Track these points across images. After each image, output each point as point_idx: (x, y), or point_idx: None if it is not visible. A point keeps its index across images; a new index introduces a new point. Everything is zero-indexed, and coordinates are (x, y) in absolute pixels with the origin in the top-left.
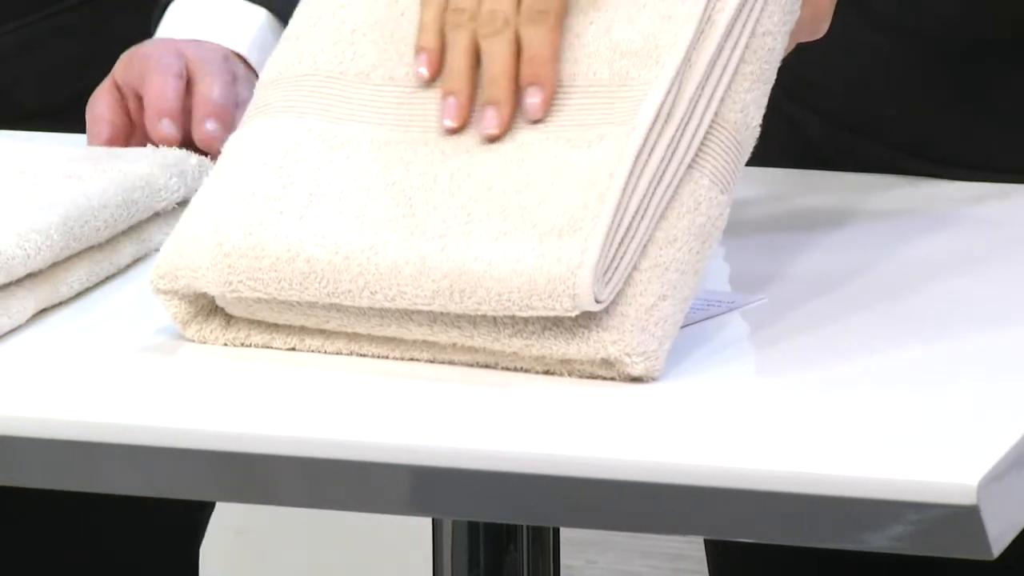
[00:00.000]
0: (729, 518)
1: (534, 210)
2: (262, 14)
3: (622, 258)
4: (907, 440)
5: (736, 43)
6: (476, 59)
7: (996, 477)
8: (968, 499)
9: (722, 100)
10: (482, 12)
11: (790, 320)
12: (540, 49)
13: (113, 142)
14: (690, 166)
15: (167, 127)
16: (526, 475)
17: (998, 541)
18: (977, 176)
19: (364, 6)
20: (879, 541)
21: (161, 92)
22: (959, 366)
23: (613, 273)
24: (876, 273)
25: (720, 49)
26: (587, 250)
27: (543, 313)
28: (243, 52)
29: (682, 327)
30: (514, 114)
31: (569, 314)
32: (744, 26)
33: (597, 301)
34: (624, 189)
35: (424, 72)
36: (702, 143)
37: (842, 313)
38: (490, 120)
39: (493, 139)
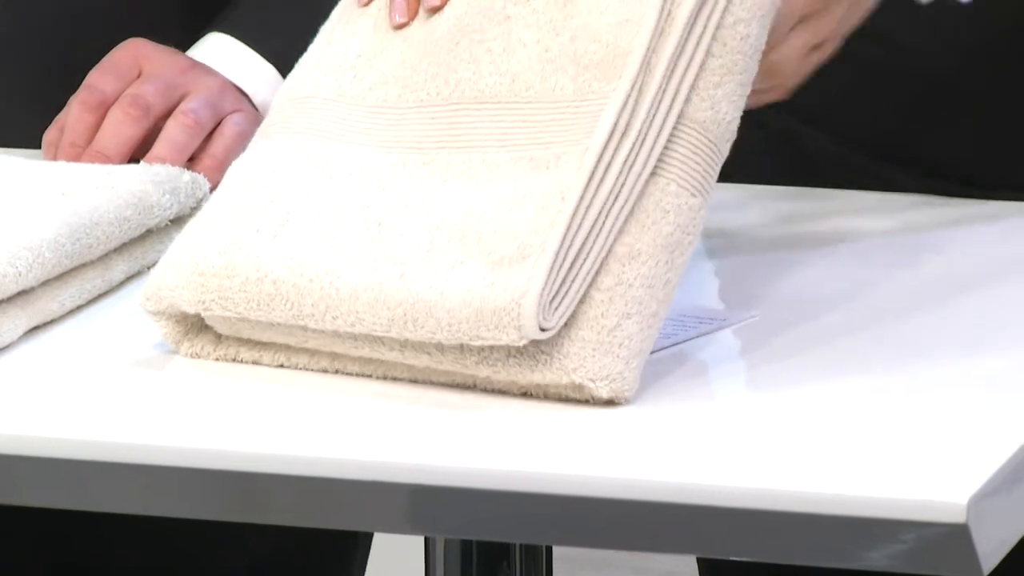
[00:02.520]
0: (722, 537)
1: (490, 237)
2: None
3: (573, 281)
4: (897, 459)
5: (701, 37)
6: None
7: (986, 495)
8: (958, 517)
9: (688, 99)
10: None
11: (782, 339)
12: None
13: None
14: (655, 173)
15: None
16: (519, 493)
17: (988, 559)
18: (977, 193)
19: (371, 34)
20: (869, 560)
21: (73, 124)
22: (951, 385)
23: (563, 299)
24: (871, 292)
25: (680, 48)
26: (532, 278)
27: (492, 343)
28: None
29: (673, 344)
30: None
31: (517, 344)
32: (709, 17)
33: (543, 329)
34: (574, 213)
35: (399, 18)
36: (668, 147)
37: (835, 332)
38: None
39: (434, 9)
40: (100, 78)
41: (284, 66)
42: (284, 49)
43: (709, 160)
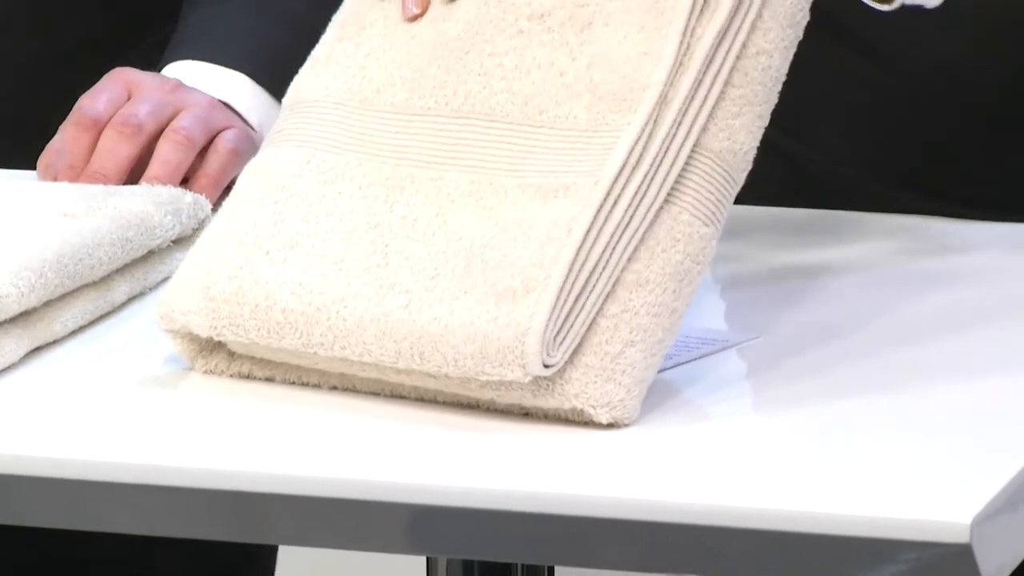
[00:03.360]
0: (724, 556)
1: (494, 268)
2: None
3: (579, 314)
4: (901, 479)
5: (719, 69)
6: None
7: (989, 516)
8: (961, 538)
9: (705, 128)
10: None
11: (786, 360)
12: None
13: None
14: (667, 201)
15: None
16: (521, 514)
17: None
18: (982, 215)
19: (382, 29)
20: None
21: (70, 146)
22: (955, 406)
23: (567, 333)
24: (875, 314)
25: (698, 82)
26: (535, 315)
27: (496, 379)
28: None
29: (676, 364)
30: None
31: (521, 380)
32: (729, 49)
33: (546, 366)
34: (579, 248)
35: (414, 9)
36: (682, 175)
37: (838, 353)
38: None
39: (413, 18)
40: (91, 101)
41: (251, 67)
42: (243, 50)
43: (723, 190)
